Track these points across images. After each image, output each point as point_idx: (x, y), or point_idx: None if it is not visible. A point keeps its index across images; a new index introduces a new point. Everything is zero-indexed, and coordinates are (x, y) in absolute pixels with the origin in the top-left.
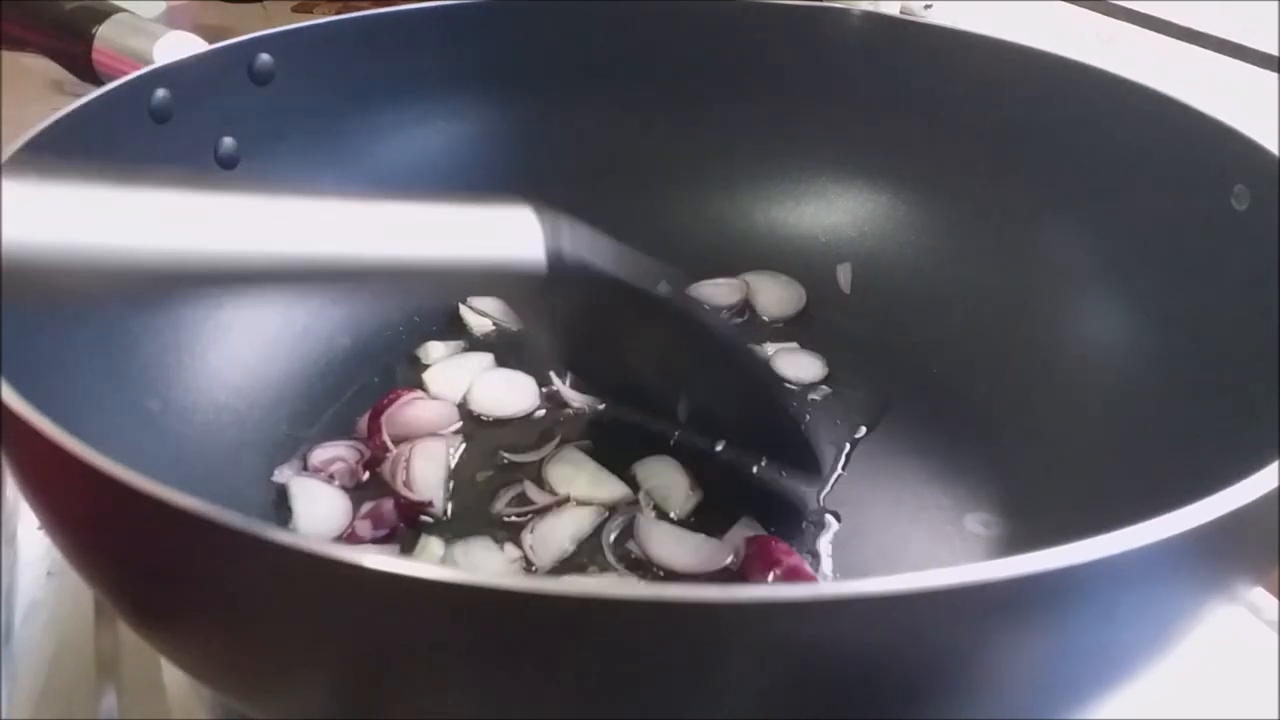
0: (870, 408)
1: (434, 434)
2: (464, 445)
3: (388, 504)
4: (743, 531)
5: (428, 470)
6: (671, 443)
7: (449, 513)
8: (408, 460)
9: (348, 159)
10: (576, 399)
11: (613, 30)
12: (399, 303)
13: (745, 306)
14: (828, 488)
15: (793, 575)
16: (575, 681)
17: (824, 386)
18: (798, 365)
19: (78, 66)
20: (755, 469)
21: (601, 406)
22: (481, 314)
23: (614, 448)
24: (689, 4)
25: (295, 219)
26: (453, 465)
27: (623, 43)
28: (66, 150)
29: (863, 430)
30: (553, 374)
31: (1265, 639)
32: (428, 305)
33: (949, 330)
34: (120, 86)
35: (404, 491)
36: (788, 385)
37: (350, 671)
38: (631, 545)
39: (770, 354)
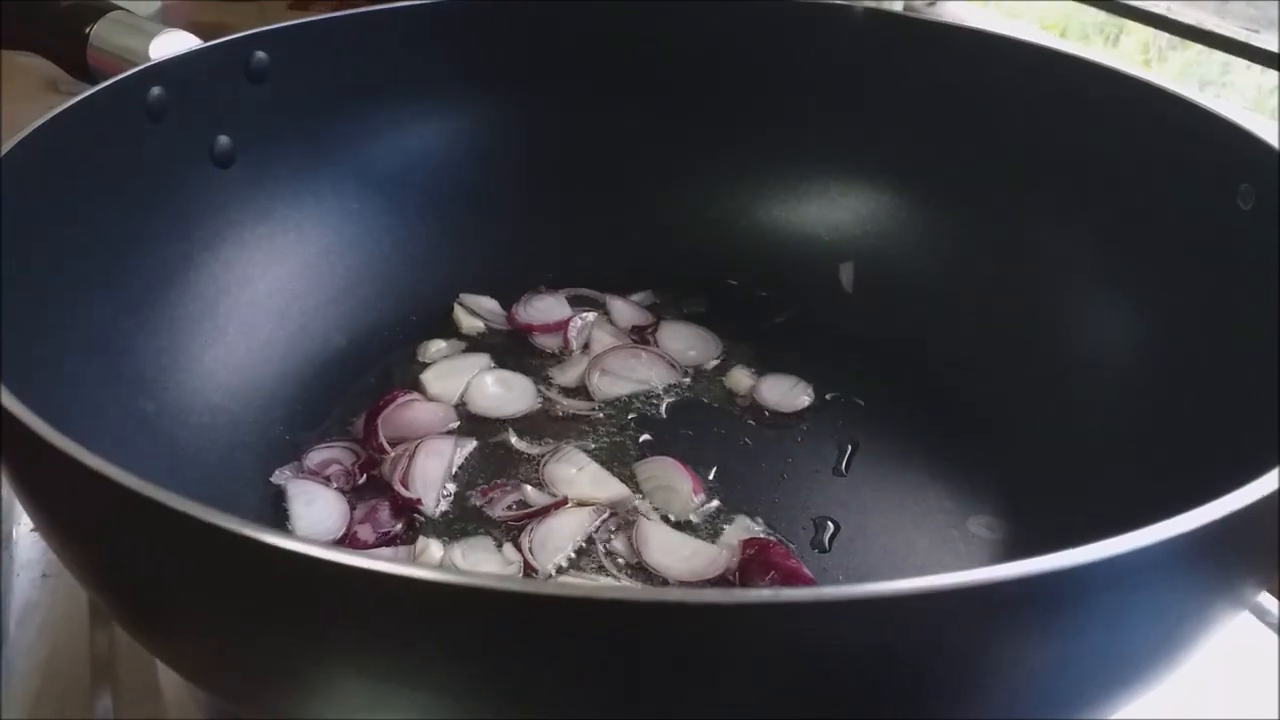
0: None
1: (441, 433)
2: (474, 445)
3: (384, 506)
4: (738, 533)
5: (428, 468)
6: None
7: (439, 512)
8: (410, 456)
9: (344, 157)
10: (575, 400)
11: (612, 29)
12: (395, 302)
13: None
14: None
15: (791, 578)
16: (575, 683)
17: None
18: (784, 393)
19: (73, 65)
20: None
21: (600, 407)
22: (473, 314)
23: (614, 448)
24: (690, 3)
25: None
26: (457, 465)
27: (623, 42)
28: (61, 149)
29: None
30: (551, 374)
31: (1266, 640)
32: (424, 305)
33: (952, 330)
34: (115, 84)
35: (399, 488)
36: (775, 412)
37: (347, 674)
38: (631, 547)
39: (757, 382)
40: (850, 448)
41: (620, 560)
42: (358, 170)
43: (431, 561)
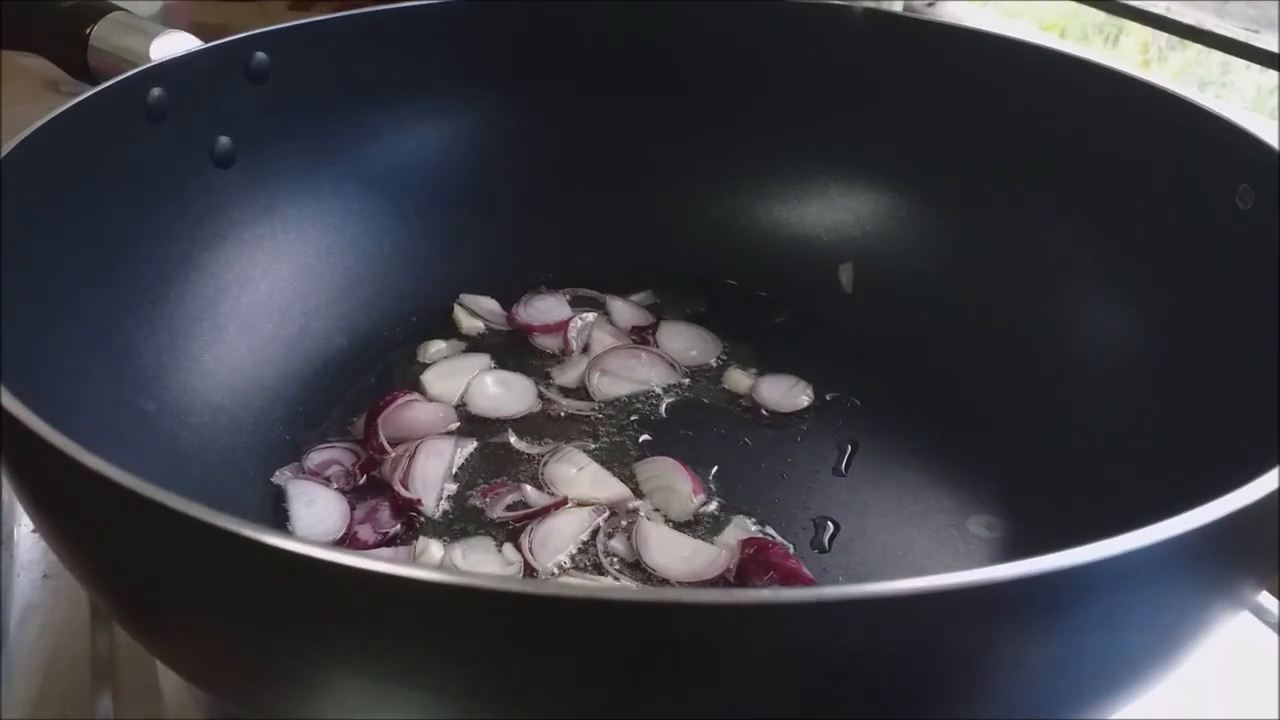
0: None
1: (441, 433)
2: (474, 445)
3: (384, 506)
4: (738, 533)
5: (428, 468)
6: None
7: (439, 513)
8: (410, 456)
9: (344, 157)
10: (575, 401)
11: (612, 30)
12: (395, 302)
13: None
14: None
15: (790, 578)
16: (574, 683)
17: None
18: (783, 392)
19: (73, 65)
20: None
21: (600, 407)
22: (473, 314)
23: (614, 448)
24: (689, 3)
25: None
26: (457, 466)
27: (622, 42)
28: (62, 149)
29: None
30: (551, 374)
31: (1266, 640)
32: (425, 305)
33: (951, 330)
34: (116, 85)
35: (399, 488)
36: (774, 412)
37: (346, 674)
38: (630, 547)
39: (757, 382)
40: (850, 447)
41: (620, 560)
42: (358, 170)
43: (431, 562)
